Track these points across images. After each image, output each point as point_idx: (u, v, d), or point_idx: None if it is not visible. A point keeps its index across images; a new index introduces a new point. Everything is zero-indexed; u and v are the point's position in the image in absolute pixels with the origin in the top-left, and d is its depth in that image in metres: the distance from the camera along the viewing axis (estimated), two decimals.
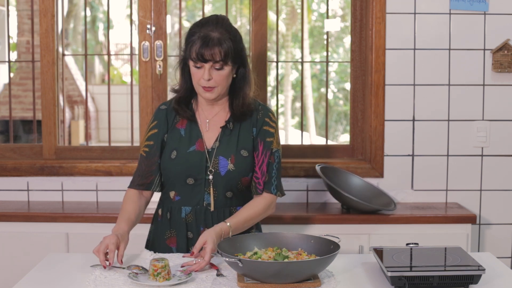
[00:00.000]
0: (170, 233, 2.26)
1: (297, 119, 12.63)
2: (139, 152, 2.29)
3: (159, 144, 2.25)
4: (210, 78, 2.14)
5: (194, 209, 2.23)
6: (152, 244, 2.33)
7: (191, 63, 2.17)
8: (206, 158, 2.21)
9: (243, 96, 2.22)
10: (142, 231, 2.54)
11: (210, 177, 2.20)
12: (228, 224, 2.11)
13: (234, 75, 2.22)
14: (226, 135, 2.24)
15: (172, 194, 2.25)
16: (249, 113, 2.25)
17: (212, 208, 2.22)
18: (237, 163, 2.21)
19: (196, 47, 2.11)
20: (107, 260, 1.98)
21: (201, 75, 2.14)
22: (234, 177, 2.21)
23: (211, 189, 2.21)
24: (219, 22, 2.16)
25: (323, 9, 12.67)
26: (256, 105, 2.28)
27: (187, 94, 2.26)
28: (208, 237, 2.01)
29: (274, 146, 2.26)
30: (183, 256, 2.08)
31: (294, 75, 12.92)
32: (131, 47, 3.42)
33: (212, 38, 2.11)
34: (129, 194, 2.28)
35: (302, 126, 3.45)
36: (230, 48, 2.13)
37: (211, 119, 2.26)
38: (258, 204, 2.23)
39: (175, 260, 2.07)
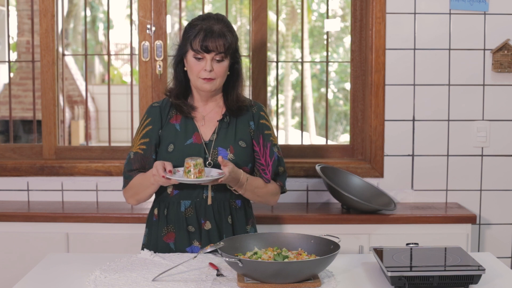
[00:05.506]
0: (167, 229, 2.26)
1: (297, 119, 12.63)
2: (133, 150, 2.29)
3: (154, 141, 2.27)
4: (211, 69, 2.19)
5: (194, 202, 2.24)
6: (147, 246, 2.30)
7: (190, 56, 2.21)
8: (205, 150, 2.23)
9: (237, 92, 2.29)
10: (140, 231, 2.54)
11: None
12: (246, 177, 2.20)
13: (228, 72, 2.27)
14: (223, 128, 2.28)
15: (169, 189, 2.25)
16: (244, 108, 2.31)
17: (209, 201, 2.22)
18: (236, 153, 2.25)
19: (200, 38, 2.17)
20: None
21: (202, 66, 2.20)
22: None
23: None
24: (219, 18, 2.24)
25: (323, 9, 12.68)
26: (248, 101, 2.35)
27: (183, 90, 2.30)
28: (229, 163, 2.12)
29: (274, 139, 2.34)
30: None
31: (294, 75, 12.92)
32: (131, 47, 3.42)
33: (215, 30, 2.19)
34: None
35: (302, 126, 3.44)
36: (232, 41, 2.21)
37: (207, 115, 2.30)
38: (271, 184, 2.31)
39: (175, 259, 2.07)
